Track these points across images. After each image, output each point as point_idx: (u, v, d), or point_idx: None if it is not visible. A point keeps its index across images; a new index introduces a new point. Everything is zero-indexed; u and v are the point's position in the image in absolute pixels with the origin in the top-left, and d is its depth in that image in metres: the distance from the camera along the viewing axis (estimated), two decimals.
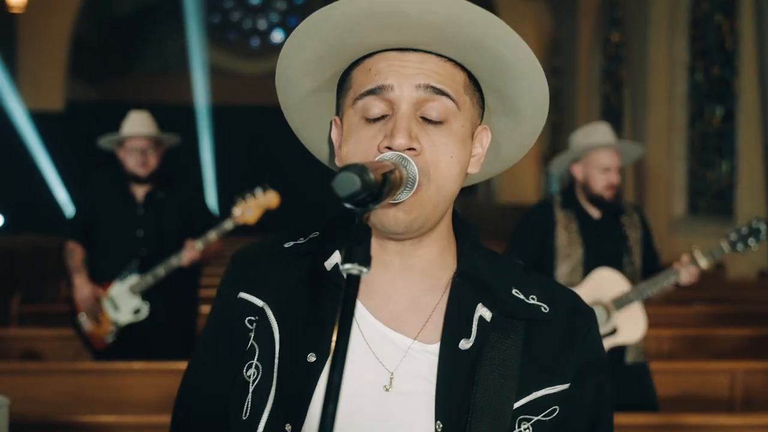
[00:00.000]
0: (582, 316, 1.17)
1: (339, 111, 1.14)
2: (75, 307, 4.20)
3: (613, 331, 3.49)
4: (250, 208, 4.10)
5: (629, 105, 11.84)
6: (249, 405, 1.11)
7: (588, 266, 3.57)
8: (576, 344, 1.14)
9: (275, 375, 1.11)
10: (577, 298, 1.20)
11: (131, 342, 4.17)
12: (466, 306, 1.12)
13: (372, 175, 0.87)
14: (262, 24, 23.08)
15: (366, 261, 0.88)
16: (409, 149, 1.03)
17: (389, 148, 1.03)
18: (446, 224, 1.15)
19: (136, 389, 3.86)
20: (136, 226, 4.19)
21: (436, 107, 1.05)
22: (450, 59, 1.08)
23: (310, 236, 1.20)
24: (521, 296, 1.14)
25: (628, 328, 3.52)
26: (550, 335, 1.13)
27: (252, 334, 1.14)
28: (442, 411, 1.06)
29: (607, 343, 3.51)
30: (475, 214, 16.93)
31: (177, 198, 4.27)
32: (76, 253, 4.27)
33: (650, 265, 3.69)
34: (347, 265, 0.87)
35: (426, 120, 1.05)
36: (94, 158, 14.97)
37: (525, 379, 1.10)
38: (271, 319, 1.13)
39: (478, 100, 1.14)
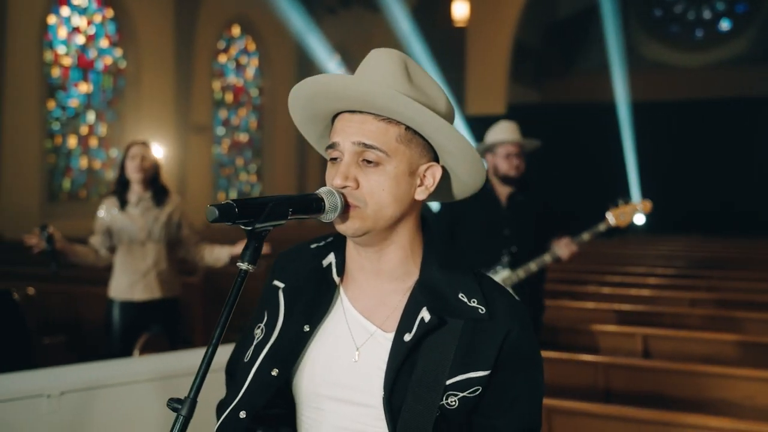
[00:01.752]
0: (515, 319, 1.43)
1: None
2: None
3: None
4: (623, 213, 4.27)
5: None
6: (250, 353, 1.55)
7: None
8: (502, 340, 1.41)
9: (273, 337, 1.53)
10: (516, 303, 1.46)
11: None
12: (416, 308, 1.44)
13: (237, 210, 1.27)
14: (706, 14, 22.06)
15: (253, 260, 1.31)
16: (345, 187, 1.41)
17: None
18: (407, 238, 1.48)
19: None
20: (502, 225, 4.58)
21: (370, 155, 1.41)
22: (386, 117, 1.42)
23: (328, 240, 1.60)
24: (465, 299, 1.43)
25: None
26: (483, 331, 1.41)
27: (267, 306, 1.59)
28: (388, 383, 1.40)
29: None
30: None
31: (534, 201, 4.61)
32: None
33: None
34: (239, 263, 1.31)
35: (366, 161, 1.41)
36: (530, 157, 15.92)
37: (456, 364, 1.39)
38: (281, 298, 1.57)
39: (421, 145, 1.45)
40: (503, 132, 4.59)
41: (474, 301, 1.43)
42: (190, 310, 6.76)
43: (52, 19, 13.84)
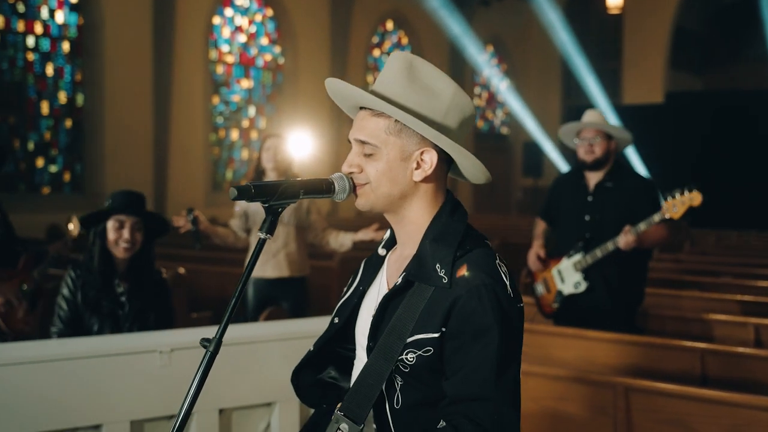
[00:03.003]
0: (470, 291, 1.62)
1: None
2: (533, 277, 4.94)
3: None
4: (676, 205, 4.34)
5: None
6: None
7: None
8: (453, 308, 1.62)
9: (346, 296, 1.89)
10: (477, 274, 1.64)
11: (574, 311, 4.74)
12: (402, 274, 1.72)
13: (253, 190, 1.58)
14: None
15: (270, 231, 1.62)
16: (351, 172, 1.72)
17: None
18: (417, 214, 1.74)
19: (559, 350, 4.40)
20: (585, 212, 4.73)
21: (366, 148, 1.71)
22: (379, 112, 1.69)
23: None
24: (438, 269, 1.66)
25: None
26: (443, 298, 1.63)
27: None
28: (371, 333, 1.72)
29: None
30: None
31: (623, 189, 4.67)
32: (538, 226, 5.13)
33: None
34: (258, 232, 1.63)
35: (366, 154, 1.70)
36: (689, 147, 15.41)
37: (418, 325, 1.64)
38: (359, 271, 1.91)
39: (414, 133, 1.69)
40: (583, 118, 4.74)
41: (443, 272, 1.65)
42: (327, 291, 7.22)
43: (216, 20, 14.81)
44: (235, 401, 3.05)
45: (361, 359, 1.78)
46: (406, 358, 1.63)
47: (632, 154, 16.02)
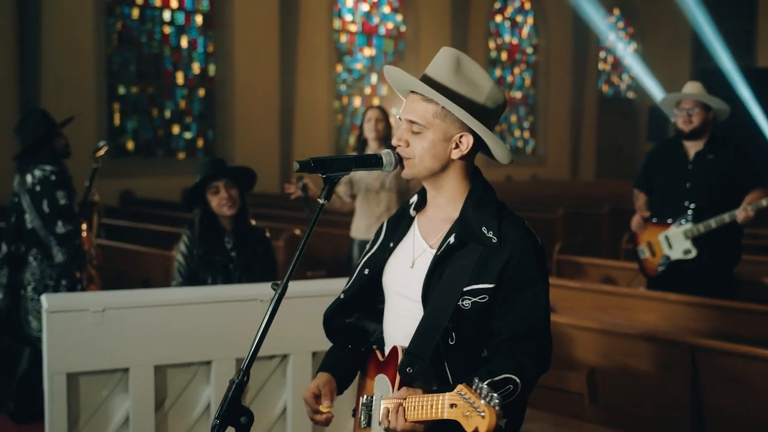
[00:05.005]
0: (518, 247, 2.00)
1: None
2: (636, 241, 5.18)
3: None
4: None
5: None
6: (360, 260, 2.23)
7: None
8: (508, 263, 1.98)
9: (373, 250, 2.22)
10: (524, 236, 2.02)
11: (678, 273, 4.95)
12: (450, 234, 2.03)
13: (313, 164, 1.94)
14: None
15: (327, 197, 1.97)
16: (399, 146, 2.04)
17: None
18: (453, 184, 2.08)
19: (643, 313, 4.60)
20: (685, 179, 4.91)
21: (414, 127, 2.03)
22: (428, 98, 2.01)
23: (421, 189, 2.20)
24: (485, 231, 2.00)
25: None
26: (494, 254, 1.99)
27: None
28: (424, 284, 2.03)
29: None
30: None
31: (724, 159, 4.84)
32: (639, 198, 5.34)
33: None
34: (318, 197, 1.98)
35: (413, 131, 2.02)
36: None
37: (473, 276, 1.98)
38: (384, 225, 2.24)
39: (456, 119, 2.01)
40: (683, 89, 4.94)
41: (490, 233, 2.00)
42: None
43: None
44: (326, 345, 3.44)
45: (394, 304, 2.12)
46: (463, 304, 1.97)
47: (763, 121, 15.48)
